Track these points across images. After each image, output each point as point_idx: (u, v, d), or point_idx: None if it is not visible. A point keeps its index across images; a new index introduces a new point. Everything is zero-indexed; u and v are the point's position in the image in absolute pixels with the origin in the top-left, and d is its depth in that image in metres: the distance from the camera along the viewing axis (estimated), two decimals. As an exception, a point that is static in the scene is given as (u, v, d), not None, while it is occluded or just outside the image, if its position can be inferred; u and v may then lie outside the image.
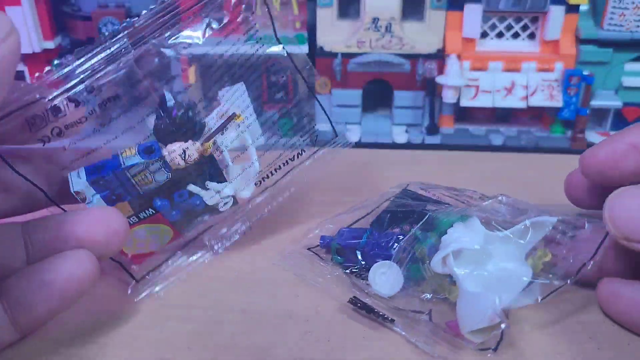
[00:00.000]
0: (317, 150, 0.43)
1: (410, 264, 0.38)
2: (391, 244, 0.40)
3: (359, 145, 0.62)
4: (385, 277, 0.38)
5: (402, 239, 0.39)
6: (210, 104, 0.40)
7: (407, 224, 0.42)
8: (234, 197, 0.41)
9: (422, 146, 0.62)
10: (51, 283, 0.33)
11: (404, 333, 0.36)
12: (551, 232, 0.38)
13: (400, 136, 0.62)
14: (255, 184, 0.42)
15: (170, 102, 0.39)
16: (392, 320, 0.37)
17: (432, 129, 0.62)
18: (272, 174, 0.43)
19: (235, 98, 0.40)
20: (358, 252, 0.41)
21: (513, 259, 0.38)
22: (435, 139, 0.62)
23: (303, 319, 0.38)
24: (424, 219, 0.40)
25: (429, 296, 0.38)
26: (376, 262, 0.39)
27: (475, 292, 0.35)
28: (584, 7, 0.60)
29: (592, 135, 0.62)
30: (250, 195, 0.42)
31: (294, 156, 0.43)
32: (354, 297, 0.38)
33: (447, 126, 0.63)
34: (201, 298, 0.40)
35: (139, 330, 0.37)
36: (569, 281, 0.37)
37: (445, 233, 0.39)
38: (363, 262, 0.40)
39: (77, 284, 0.34)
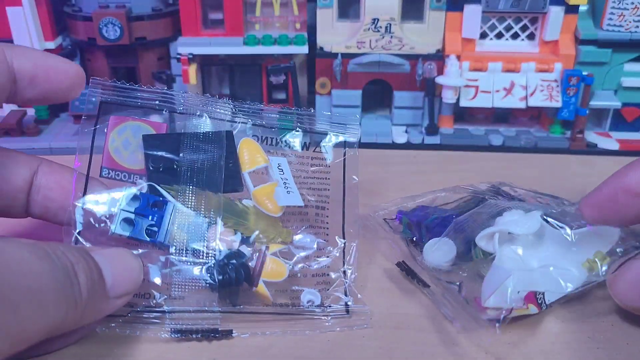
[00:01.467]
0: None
1: (462, 243, 0.40)
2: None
3: (358, 145, 0.62)
4: (436, 251, 0.40)
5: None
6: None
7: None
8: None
9: (422, 146, 0.62)
10: None
11: (431, 298, 0.39)
12: (617, 244, 0.39)
13: (400, 136, 0.62)
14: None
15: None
16: (428, 286, 0.39)
17: (432, 129, 0.62)
18: None
19: None
20: (423, 228, 0.43)
21: (563, 259, 0.39)
22: (434, 139, 0.62)
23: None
24: (483, 203, 0.41)
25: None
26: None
27: (495, 264, 0.36)
28: (583, 8, 0.60)
29: (591, 136, 0.63)
30: None
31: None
32: (403, 261, 0.41)
33: (447, 126, 0.63)
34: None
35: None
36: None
37: (500, 215, 0.39)
38: (425, 237, 0.42)
39: None
